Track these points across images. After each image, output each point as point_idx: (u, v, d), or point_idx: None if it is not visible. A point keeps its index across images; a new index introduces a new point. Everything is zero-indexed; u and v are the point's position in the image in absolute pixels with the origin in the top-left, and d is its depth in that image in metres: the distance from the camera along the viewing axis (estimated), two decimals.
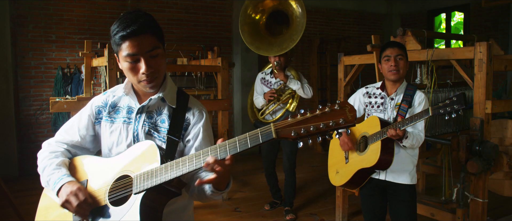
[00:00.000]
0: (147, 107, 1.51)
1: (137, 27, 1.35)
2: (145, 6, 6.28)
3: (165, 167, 1.31)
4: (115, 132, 1.52)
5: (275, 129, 1.17)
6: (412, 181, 2.52)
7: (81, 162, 1.54)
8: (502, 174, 4.32)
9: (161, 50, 1.43)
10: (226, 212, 4.23)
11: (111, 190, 1.41)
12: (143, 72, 1.39)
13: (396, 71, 2.48)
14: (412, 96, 2.49)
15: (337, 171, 2.80)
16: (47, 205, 1.54)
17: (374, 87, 2.70)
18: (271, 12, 4.14)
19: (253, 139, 1.19)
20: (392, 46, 2.52)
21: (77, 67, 5.77)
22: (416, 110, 2.48)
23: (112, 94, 1.59)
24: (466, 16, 7.70)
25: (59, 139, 1.60)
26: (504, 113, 4.75)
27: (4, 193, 3.47)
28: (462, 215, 2.91)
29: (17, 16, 5.49)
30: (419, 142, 2.44)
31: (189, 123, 1.51)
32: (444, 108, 2.21)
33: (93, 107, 1.59)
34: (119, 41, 1.37)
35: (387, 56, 2.50)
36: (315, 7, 7.91)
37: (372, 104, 2.66)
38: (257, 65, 7.05)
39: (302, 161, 6.41)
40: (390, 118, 2.55)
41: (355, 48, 8.07)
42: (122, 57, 1.40)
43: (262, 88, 4.04)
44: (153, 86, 1.45)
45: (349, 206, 3.92)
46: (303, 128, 1.14)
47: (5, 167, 5.25)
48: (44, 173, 1.49)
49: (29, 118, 5.64)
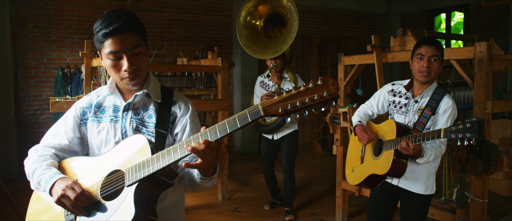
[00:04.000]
0: (133, 104, 1.52)
1: (120, 25, 1.36)
2: (145, 6, 6.28)
3: (157, 156, 1.31)
4: (103, 131, 1.53)
5: (263, 107, 1.19)
6: (426, 191, 2.36)
7: (69, 164, 1.53)
8: (502, 174, 4.33)
9: (144, 48, 1.45)
10: (226, 212, 4.23)
11: (103, 186, 1.41)
12: (126, 70, 1.41)
13: (427, 74, 2.25)
14: (438, 102, 2.26)
15: (353, 169, 2.71)
16: (37, 210, 1.52)
17: (400, 85, 2.49)
18: (268, 16, 4.16)
19: (242, 119, 1.21)
20: (429, 44, 2.26)
21: (77, 67, 5.77)
22: (439, 118, 2.28)
23: (96, 94, 1.60)
24: (466, 16, 7.70)
25: (46, 143, 1.58)
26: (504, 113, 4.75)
27: (4, 193, 3.47)
28: (462, 215, 2.90)
29: (17, 16, 5.49)
30: (436, 156, 2.25)
31: (176, 116, 1.53)
32: (456, 134, 2.01)
33: (78, 108, 1.58)
34: (101, 39, 1.39)
35: (420, 55, 2.27)
36: (315, 7, 7.91)
37: (395, 104, 2.48)
38: (257, 65, 7.05)
39: (302, 161, 6.42)
40: (411, 122, 2.37)
41: (355, 48, 8.07)
42: (104, 55, 1.41)
43: (261, 91, 4.05)
44: (136, 84, 1.47)
45: (349, 206, 3.92)
46: (290, 104, 1.17)
47: (5, 167, 5.25)
48: (34, 175, 1.47)
49: (29, 118, 5.64)
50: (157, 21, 6.44)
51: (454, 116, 2.30)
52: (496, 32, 7.08)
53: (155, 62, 5.06)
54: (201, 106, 4.28)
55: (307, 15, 7.77)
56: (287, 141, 3.98)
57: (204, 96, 4.98)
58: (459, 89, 3.37)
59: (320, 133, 7.37)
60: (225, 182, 4.56)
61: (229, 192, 4.73)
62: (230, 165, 4.88)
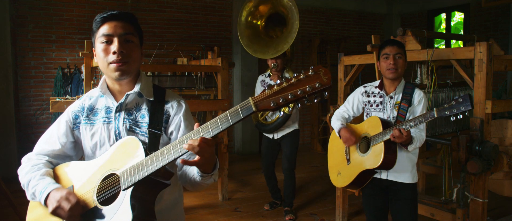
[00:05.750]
0: (125, 104, 1.51)
1: (117, 13, 1.45)
2: (145, 6, 6.28)
3: (150, 158, 1.30)
4: (96, 134, 1.52)
5: (254, 102, 1.18)
6: (413, 179, 2.53)
7: (64, 170, 1.52)
8: (502, 174, 4.33)
9: (136, 40, 1.48)
10: (226, 212, 4.23)
11: (98, 191, 1.40)
12: (114, 52, 1.41)
13: (395, 70, 2.47)
14: (411, 94, 2.49)
15: (338, 172, 2.79)
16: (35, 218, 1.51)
17: (372, 86, 2.69)
18: (269, 16, 4.16)
19: (234, 115, 1.20)
20: (391, 44, 2.51)
21: (77, 67, 5.77)
22: (416, 109, 2.47)
23: (88, 97, 1.59)
24: (466, 16, 7.70)
25: (39, 150, 1.57)
26: (504, 113, 4.74)
27: (4, 193, 3.47)
28: (462, 215, 2.91)
29: (17, 16, 5.49)
30: (420, 143, 2.44)
31: (169, 115, 1.51)
32: (450, 110, 2.18)
33: (70, 112, 1.58)
34: (99, 24, 1.45)
35: (386, 54, 2.50)
36: (315, 7, 7.91)
37: (371, 104, 2.65)
38: (257, 65, 7.05)
39: (302, 161, 6.41)
40: (390, 117, 2.55)
41: (355, 48, 8.06)
42: (98, 40, 1.45)
43: (261, 90, 4.04)
44: (123, 72, 1.44)
45: (349, 206, 3.92)
46: (282, 97, 1.15)
47: (5, 167, 5.25)
48: (29, 186, 1.47)
49: (29, 118, 5.64)
50: (157, 21, 6.44)
51: (426, 105, 2.53)
52: (496, 32, 7.08)
53: (155, 62, 5.06)
54: (201, 106, 4.28)
55: (307, 15, 7.76)
56: (288, 140, 3.98)
57: (204, 96, 4.98)
58: (459, 89, 3.37)
59: (320, 133, 7.38)
60: (225, 182, 4.56)
61: (229, 192, 4.73)
62: (230, 165, 4.88)
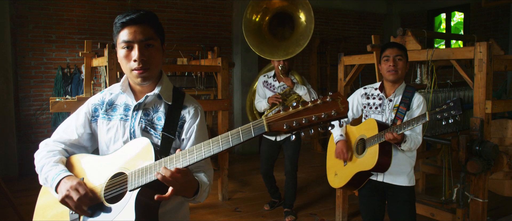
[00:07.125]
0: (144, 104, 1.53)
1: (136, 17, 1.43)
2: (145, 6, 6.28)
3: (159, 163, 1.32)
4: (112, 129, 1.54)
5: (267, 122, 1.17)
6: (410, 182, 2.52)
7: (78, 160, 1.55)
8: (502, 174, 4.33)
9: (157, 43, 1.47)
10: (226, 212, 4.23)
11: (106, 188, 1.42)
12: (135, 60, 1.42)
13: (395, 72, 2.47)
14: (411, 98, 2.48)
15: (335, 173, 2.81)
16: (44, 204, 1.55)
17: (372, 88, 2.69)
18: (275, 13, 4.05)
19: (245, 133, 1.20)
20: (392, 46, 2.52)
21: (77, 67, 5.77)
22: (414, 113, 2.47)
23: (109, 92, 1.61)
24: (466, 16, 7.70)
25: (56, 138, 1.61)
26: (504, 113, 4.75)
27: (4, 193, 3.47)
28: (462, 215, 2.91)
29: (17, 16, 5.49)
30: (416, 145, 2.44)
31: (185, 121, 1.52)
32: (441, 114, 2.22)
33: (90, 105, 1.61)
34: (119, 28, 1.44)
35: (386, 57, 2.50)
36: (315, 7, 7.85)
37: (370, 106, 2.65)
38: (257, 65, 7.04)
39: (302, 161, 6.40)
40: (388, 119, 2.54)
41: (355, 48, 8.06)
42: (119, 45, 1.45)
43: (264, 91, 3.97)
44: (145, 78, 1.46)
45: (349, 206, 3.92)
46: (295, 121, 1.14)
47: (5, 167, 5.25)
48: (43, 171, 1.50)
49: (29, 118, 5.64)
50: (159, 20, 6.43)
51: (425, 110, 2.49)
52: (496, 32, 7.08)
53: None
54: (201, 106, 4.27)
55: None
56: (290, 142, 3.89)
57: (204, 96, 4.98)
58: (459, 89, 3.37)
59: (320, 133, 7.38)
60: (225, 182, 4.56)
61: (229, 192, 4.73)
62: (230, 165, 4.88)
